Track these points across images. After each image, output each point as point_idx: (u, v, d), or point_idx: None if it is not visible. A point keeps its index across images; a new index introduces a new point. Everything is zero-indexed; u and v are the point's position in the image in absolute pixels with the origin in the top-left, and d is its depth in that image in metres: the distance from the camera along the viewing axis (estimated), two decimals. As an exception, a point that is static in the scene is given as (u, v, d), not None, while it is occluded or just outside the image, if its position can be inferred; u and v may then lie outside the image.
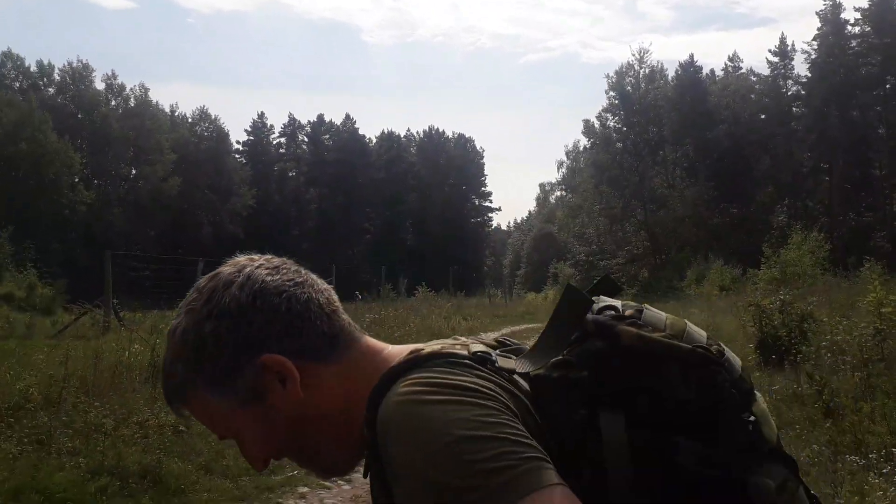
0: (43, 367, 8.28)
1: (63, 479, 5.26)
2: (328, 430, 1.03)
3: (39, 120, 49.41)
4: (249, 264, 1.05)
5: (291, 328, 1.00)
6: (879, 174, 45.92)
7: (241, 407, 1.01)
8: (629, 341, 0.94)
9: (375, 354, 1.07)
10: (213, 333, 0.99)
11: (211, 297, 1.01)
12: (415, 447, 0.85)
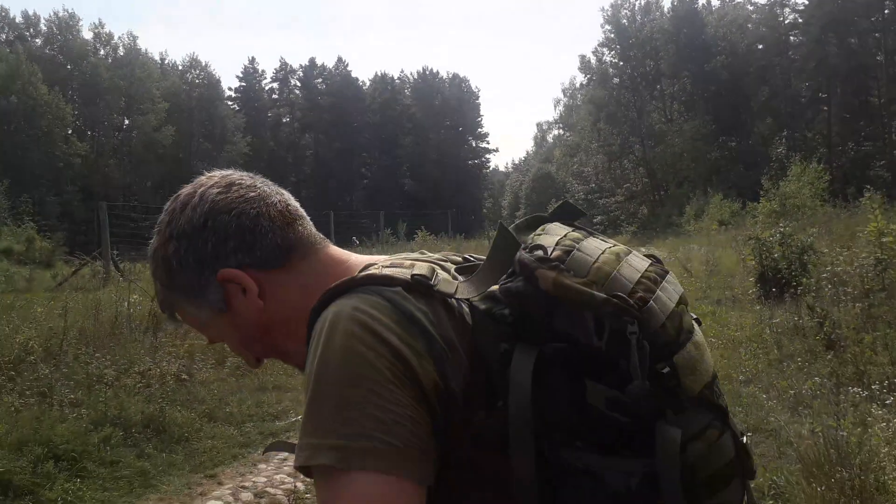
0: (43, 319, 8.27)
1: (66, 431, 5.27)
2: (294, 331, 1.09)
3: (29, 72, 48.74)
4: (205, 183, 1.12)
5: (243, 243, 1.07)
6: (878, 102, 45.38)
7: (217, 316, 1.11)
8: (545, 286, 0.94)
9: (337, 264, 1.13)
10: (174, 254, 1.09)
11: (171, 220, 1.10)
12: (316, 372, 0.92)
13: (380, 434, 0.87)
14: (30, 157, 47.92)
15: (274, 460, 5.62)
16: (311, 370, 0.93)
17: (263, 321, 1.10)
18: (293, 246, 1.11)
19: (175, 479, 5.16)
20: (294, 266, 1.10)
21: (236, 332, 1.13)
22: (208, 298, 1.10)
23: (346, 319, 0.94)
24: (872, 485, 3.71)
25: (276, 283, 1.09)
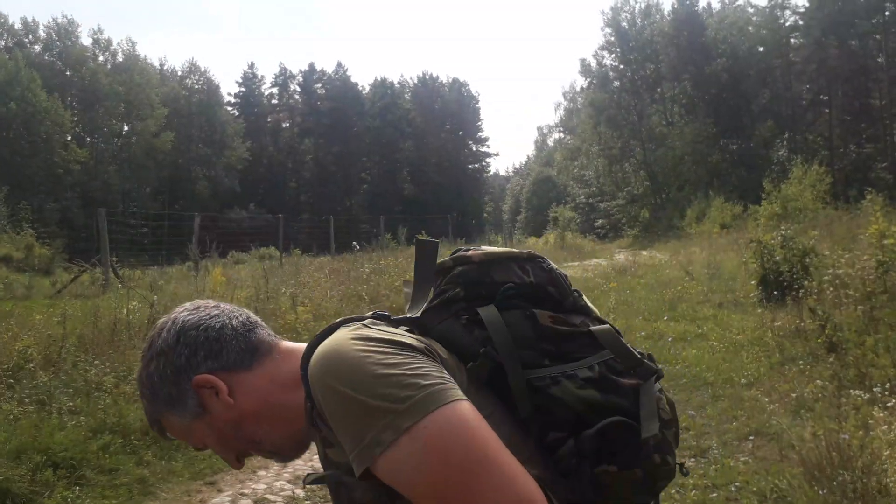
0: (42, 327, 8.23)
1: (65, 439, 5.24)
2: (265, 423, 1.26)
3: (28, 78, 48.78)
4: (177, 311, 1.31)
5: (211, 351, 1.25)
6: (879, 104, 45.33)
7: (196, 420, 1.26)
8: (479, 258, 1.28)
9: (293, 351, 1.30)
10: (156, 371, 1.26)
11: (151, 344, 1.28)
12: (336, 390, 1.05)
13: (425, 382, 1.03)
14: (29, 163, 47.96)
15: (274, 467, 5.59)
16: (333, 389, 1.05)
17: (235, 417, 1.25)
18: (255, 347, 1.28)
19: (174, 487, 5.13)
20: (259, 364, 1.27)
21: (213, 433, 1.27)
22: (187, 404, 1.25)
23: (340, 341, 1.10)
24: (874, 488, 3.69)
25: (244, 381, 1.25)
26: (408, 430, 0.99)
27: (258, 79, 77.92)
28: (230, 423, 1.26)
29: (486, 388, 1.18)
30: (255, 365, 1.27)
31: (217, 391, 1.24)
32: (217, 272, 13.85)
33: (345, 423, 1.05)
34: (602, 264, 23.37)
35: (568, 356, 1.20)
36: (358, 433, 1.02)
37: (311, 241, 32.19)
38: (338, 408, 1.05)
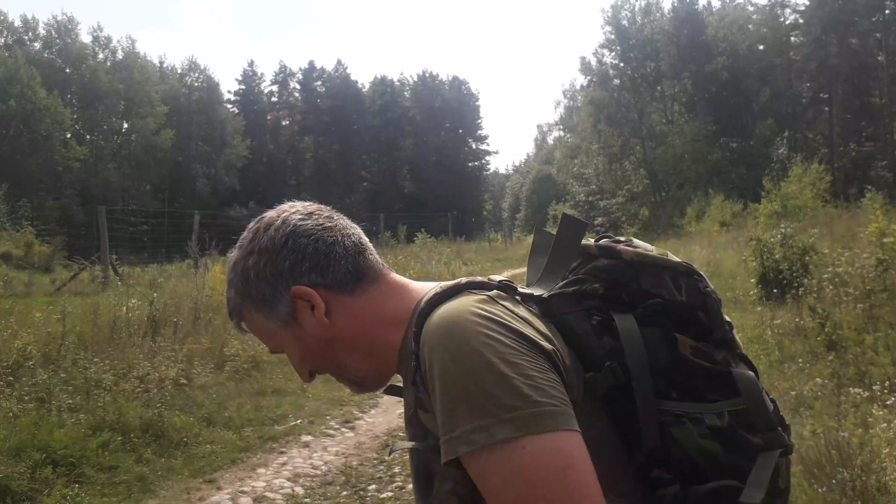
0: (41, 324, 8.23)
1: (64, 436, 5.24)
2: (355, 350, 1.21)
3: (27, 76, 48.72)
4: (288, 210, 1.24)
5: (318, 265, 1.18)
6: (879, 102, 45.30)
7: (282, 327, 1.22)
8: (630, 257, 1.15)
9: (401, 288, 1.23)
10: (254, 267, 1.20)
11: (255, 237, 1.22)
12: (449, 367, 0.98)
13: (539, 398, 0.94)
14: (28, 160, 47.93)
15: (273, 465, 5.60)
16: (445, 365, 0.99)
17: (326, 337, 1.20)
18: (363, 273, 1.21)
19: (174, 485, 5.14)
20: (363, 291, 1.20)
21: (298, 344, 1.23)
22: (278, 310, 1.20)
23: (465, 314, 1.03)
24: (874, 486, 3.69)
25: (344, 304, 1.19)
26: (503, 443, 0.92)
27: (258, 76, 77.91)
28: (320, 341, 1.21)
29: (599, 402, 1.08)
30: (358, 291, 1.20)
31: (314, 307, 1.18)
32: (217, 270, 13.82)
33: (444, 402, 0.98)
34: (602, 262, 23.33)
35: (698, 395, 1.09)
36: (452, 421, 0.97)
37: (311, 239, 32.03)
38: (443, 385, 0.98)
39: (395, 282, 1.25)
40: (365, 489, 5.04)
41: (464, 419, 0.95)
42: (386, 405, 7.44)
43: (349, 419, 6.89)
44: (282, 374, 8.13)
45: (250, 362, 8.14)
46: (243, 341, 8.61)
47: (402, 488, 5.02)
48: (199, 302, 9.72)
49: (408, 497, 4.85)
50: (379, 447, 6.00)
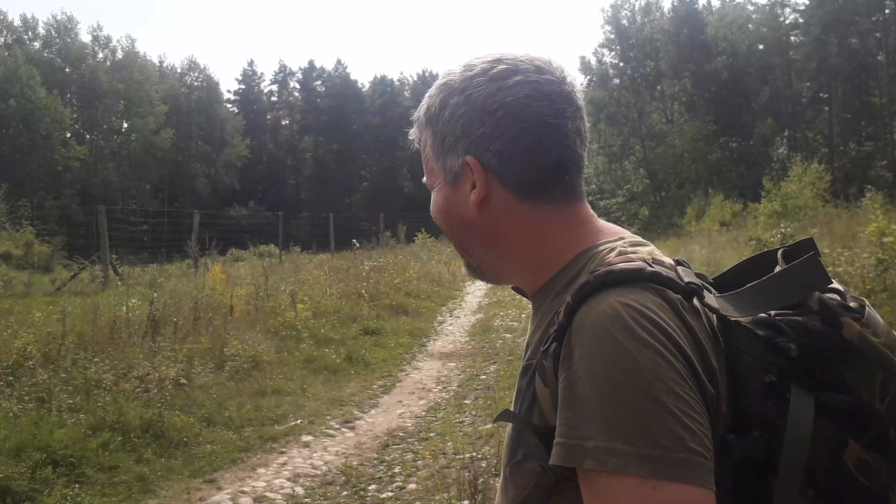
0: (41, 324, 8.24)
1: (64, 436, 5.25)
2: (492, 248, 1.11)
3: (27, 75, 48.74)
4: (524, 72, 1.05)
5: (505, 154, 1.04)
6: (879, 102, 45.30)
7: (442, 175, 1.12)
8: (850, 335, 0.92)
9: (579, 226, 1.09)
10: (452, 107, 1.07)
11: (472, 79, 1.07)
12: (600, 373, 0.86)
13: (690, 444, 0.83)
14: (28, 160, 47.96)
15: (273, 465, 5.60)
16: (600, 368, 0.86)
17: (468, 220, 1.10)
18: (548, 188, 1.06)
19: (174, 485, 5.14)
20: (537, 206, 1.06)
21: (446, 202, 1.13)
22: (448, 160, 1.10)
23: (642, 319, 0.88)
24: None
25: (508, 206, 1.06)
26: (633, 477, 0.82)
27: (258, 76, 77.99)
28: (462, 218, 1.11)
29: (729, 467, 0.92)
30: (531, 201, 1.06)
31: (474, 185, 1.06)
32: (217, 269, 13.85)
33: (583, 404, 0.86)
34: (602, 262, 23.34)
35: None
36: (585, 428, 0.85)
37: (311, 239, 32.22)
38: (589, 387, 0.86)
39: (577, 216, 1.09)
40: (365, 489, 5.04)
41: (601, 433, 0.84)
42: (386, 405, 7.44)
43: (349, 419, 6.89)
44: (282, 374, 8.13)
45: (250, 362, 8.14)
46: (243, 341, 8.62)
47: (402, 488, 5.02)
48: (199, 301, 9.72)
49: (408, 497, 4.85)
50: (379, 447, 6.01)
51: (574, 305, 0.92)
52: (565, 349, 0.90)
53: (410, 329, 11.85)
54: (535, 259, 1.08)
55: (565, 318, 0.92)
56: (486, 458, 5.30)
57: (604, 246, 1.03)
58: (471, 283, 19.53)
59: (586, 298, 0.91)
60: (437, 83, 1.13)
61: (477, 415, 6.78)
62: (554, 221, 1.07)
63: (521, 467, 0.97)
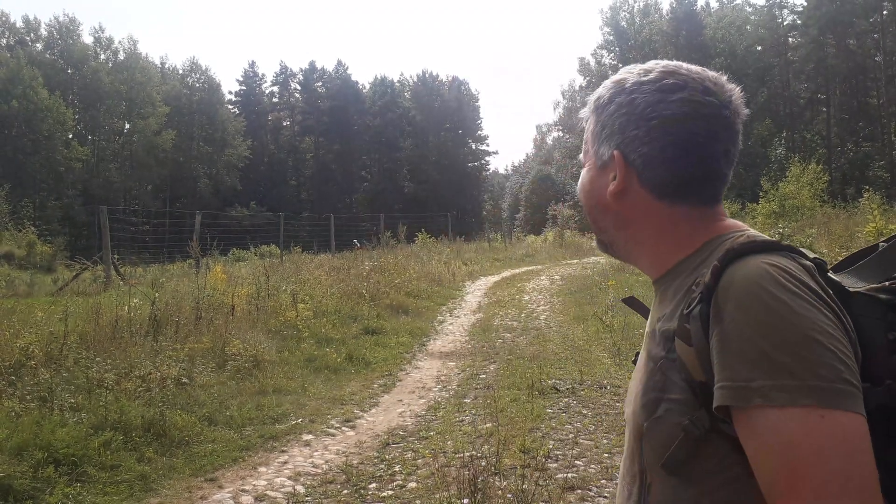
0: (43, 324, 8.26)
1: (66, 435, 5.27)
2: (624, 230, 1.21)
3: (29, 76, 48.82)
4: (697, 98, 1.14)
5: (651, 158, 1.13)
6: (877, 103, 45.39)
7: (594, 159, 1.22)
8: None
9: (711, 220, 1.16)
10: (616, 104, 1.18)
11: (644, 83, 1.16)
12: (758, 319, 0.94)
13: (846, 376, 0.91)
14: (31, 161, 48.02)
15: (274, 463, 5.64)
16: (759, 315, 0.94)
17: (607, 206, 1.20)
18: (686, 195, 1.14)
19: (175, 483, 5.17)
20: (673, 207, 1.15)
21: (589, 184, 1.24)
22: (601, 148, 1.20)
23: (788, 275, 0.98)
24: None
25: (644, 203, 1.16)
26: (801, 408, 0.90)
27: (259, 77, 78.00)
28: (599, 200, 1.22)
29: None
30: (667, 203, 1.15)
31: (614, 178, 1.17)
32: (218, 269, 13.89)
33: (744, 351, 0.94)
34: (601, 262, 23.36)
35: None
36: (750, 371, 0.93)
37: (312, 239, 32.22)
38: (749, 334, 0.94)
39: (709, 215, 1.17)
40: (365, 487, 5.07)
41: (767, 373, 0.92)
42: (387, 404, 7.48)
43: (350, 418, 6.93)
44: (283, 374, 8.16)
45: (251, 361, 8.18)
46: (245, 341, 8.66)
47: (402, 487, 5.05)
48: (200, 301, 9.75)
49: (408, 495, 4.89)
50: (379, 446, 6.04)
51: (721, 267, 1.01)
52: (714, 308, 0.99)
53: (411, 328, 11.88)
54: (663, 247, 1.17)
55: (712, 280, 1.01)
56: (486, 457, 5.33)
57: (732, 234, 1.12)
58: (471, 283, 19.57)
59: (732, 261, 1.01)
60: (614, 77, 1.22)
61: (477, 413, 6.82)
62: (685, 219, 1.15)
63: (663, 422, 1.05)
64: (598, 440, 5.88)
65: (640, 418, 1.10)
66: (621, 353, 9.01)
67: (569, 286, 17.54)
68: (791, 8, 50.57)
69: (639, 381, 1.14)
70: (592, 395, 7.29)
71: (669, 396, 1.05)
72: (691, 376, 1.01)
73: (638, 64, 1.22)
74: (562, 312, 13.36)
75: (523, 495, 4.49)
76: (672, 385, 1.04)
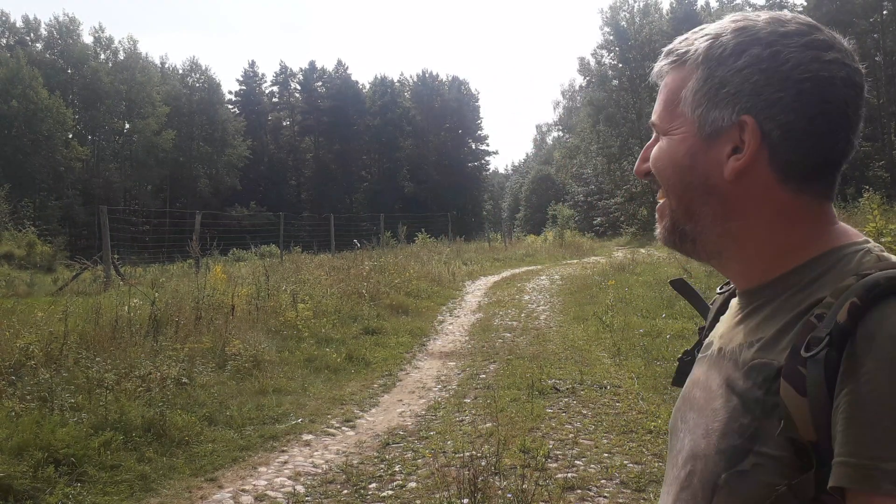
0: (43, 324, 8.27)
1: (66, 435, 5.27)
2: (726, 222, 0.96)
3: (29, 76, 48.86)
4: (849, 62, 0.92)
5: (795, 131, 0.90)
6: (877, 103, 45.38)
7: (695, 125, 0.96)
8: None
9: (828, 222, 0.96)
10: (749, 56, 0.92)
11: (787, 35, 0.92)
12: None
13: None
14: (31, 161, 48.05)
15: (274, 463, 5.64)
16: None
17: (714, 185, 0.96)
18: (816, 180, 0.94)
19: (175, 483, 5.17)
20: (797, 193, 0.93)
21: (686, 157, 0.97)
22: (714, 111, 0.94)
23: None
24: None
25: (765, 185, 0.93)
26: None
27: (259, 77, 78.05)
28: (704, 179, 0.97)
29: None
30: (792, 187, 0.93)
31: (740, 152, 0.93)
32: (218, 269, 13.90)
33: (878, 413, 0.76)
34: (601, 262, 23.40)
35: None
36: (880, 443, 0.75)
37: (312, 239, 32.24)
38: (889, 390, 0.76)
39: (827, 215, 0.96)
40: (365, 487, 5.07)
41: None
42: (387, 404, 7.48)
43: (350, 418, 6.93)
44: (283, 374, 8.17)
45: (251, 361, 8.18)
46: (245, 341, 8.66)
47: (402, 487, 5.06)
48: (200, 301, 9.76)
49: (408, 495, 4.89)
50: (379, 446, 6.04)
51: (863, 308, 0.81)
52: (848, 359, 0.80)
53: (411, 328, 11.88)
54: (773, 249, 0.96)
55: (849, 322, 0.81)
56: (486, 457, 5.33)
57: (854, 248, 0.93)
58: (471, 283, 19.57)
59: (877, 302, 0.81)
60: (727, 22, 0.97)
61: (476, 413, 6.82)
62: (805, 215, 0.95)
63: (751, 481, 0.86)
64: (598, 440, 5.88)
65: (715, 465, 0.91)
66: (621, 353, 9.02)
67: (569, 286, 17.54)
68: (791, 8, 50.51)
69: (712, 414, 0.94)
70: (592, 395, 7.29)
71: (761, 450, 0.86)
72: (797, 431, 0.82)
73: (754, 11, 0.97)
74: (562, 312, 13.36)
75: (523, 495, 4.49)
76: (766, 436, 0.85)
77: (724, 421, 0.91)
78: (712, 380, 0.97)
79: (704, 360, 1.03)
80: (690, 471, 0.95)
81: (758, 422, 0.86)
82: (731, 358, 0.96)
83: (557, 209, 51.80)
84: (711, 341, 1.05)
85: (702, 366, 1.03)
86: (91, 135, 60.18)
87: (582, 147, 58.99)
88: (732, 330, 1.00)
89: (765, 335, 0.92)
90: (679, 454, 1.00)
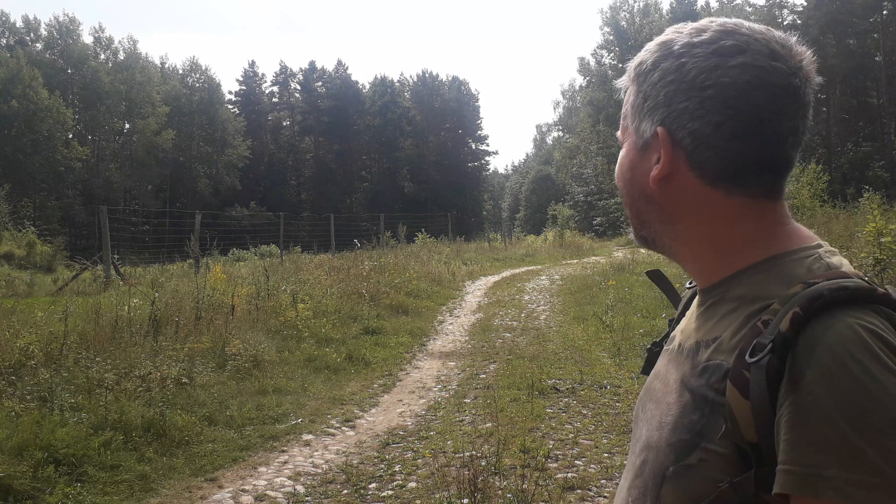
0: (43, 324, 8.26)
1: (66, 435, 5.27)
2: (670, 226, 1.02)
3: (29, 76, 48.86)
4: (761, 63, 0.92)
5: (703, 138, 0.93)
6: (877, 103, 45.41)
7: (633, 137, 1.05)
8: None
9: (775, 223, 0.99)
10: (661, 70, 0.98)
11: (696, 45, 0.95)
12: (845, 399, 0.78)
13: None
14: (31, 161, 48.04)
15: (274, 463, 5.64)
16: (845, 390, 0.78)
17: (649, 193, 1.02)
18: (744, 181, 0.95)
19: (175, 483, 5.17)
20: (727, 196, 0.95)
21: (628, 169, 1.07)
22: (642, 123, 1.02)
23: (882, 342, 0.81)
24: None
25: (693, 191, 0.97)
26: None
27: (259, 77, 78.07)
28: (641, 188, 1.03)
29: None
30: (720, 191, 0.95)
31: (657, 160, 0.98)
32: (218, 269, 13.89)
33: (816, 423, 0.78)
34: (601, 262, 23.40)
35: None
36: (819, 451, 0.77)
37: (312, 239, 32.25)
38: (825, 406, 0.78)
39: (772, 214, 0.99)
40: (365, 487, 5.07)
41: (844, 463, 0.76)
42: (387, 404, 7.48)
43: (350, 418, 6.93)
44: (283, 374, 8.17)
45: (251, 361, 8.18)
46: (245, 341, 8.66)
47: (402, 487, 5.06)
48: (200, 301, 9.76)
49: (408, 495, 4.89)
50: (379, 446, 6.04)
51: (804, 318, 0.83)
52: (791, 370, 0.82)
53: (410, 328, 11.88)
54: (717, 250, 0.98)
55: (790, 331, 0.83)
56: (486, 457, 5.34)
57: (804, 252, 0.95)
58: (470, 283, 19.57)
59: (818, 313, 0.83)
60: (660, 38, 1.02)
61: (476, 413, 6.82)
62: (744, 215, 0.97)
63: (695, 475, 0.89)
64: (598, 440, 5.88)
65: (665, 457, 0.93)
66: (621, 353, 9.01)
67: (569, 286, 17.54)
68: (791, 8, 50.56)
69: (666, 407, 0.97)
70: (592, 395, 7.29)
71: (707, 446, 0.88)
72: (740, 432, 0.84)
73: (689, 22, 1.02)
74: (562, 312, 13.36)
75: (523, 495, 4.49)
76: (713, 433, 0.88)
77: (676, 416, 0.94)
78: (670, 374, 1.01)
79: (666, 354, 1.07)
80: (644, 460, 0.98)
81: (706, 419, 0.89)
82: (688, 355, 0.99)
83: (557, 209, 51.83)
84: (675, 335, 1.09)
85: (664, 358, 1.07)
86: (91, 135, 60.17)
87: (582, 147, 59.04)
88: (691, 326, 1.03)
89: (719, 335, 0.94)
90: (637, 442, 1.03)
